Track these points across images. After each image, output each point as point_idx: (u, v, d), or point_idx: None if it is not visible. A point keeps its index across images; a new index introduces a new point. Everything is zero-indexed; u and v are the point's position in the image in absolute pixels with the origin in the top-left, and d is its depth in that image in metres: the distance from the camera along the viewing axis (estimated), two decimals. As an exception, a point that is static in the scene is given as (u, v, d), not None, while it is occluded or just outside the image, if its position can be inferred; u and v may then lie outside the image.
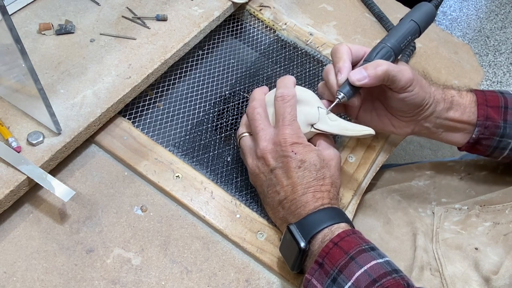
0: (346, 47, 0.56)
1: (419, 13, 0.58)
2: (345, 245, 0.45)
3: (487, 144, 0.58)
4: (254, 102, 0.56)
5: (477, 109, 0.57)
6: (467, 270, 0.53)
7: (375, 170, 0.64)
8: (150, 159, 0.58)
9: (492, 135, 0.57)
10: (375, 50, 0.56)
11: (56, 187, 0.50)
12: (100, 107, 0.57)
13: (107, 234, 0.52)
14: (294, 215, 0.50)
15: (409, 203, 0.65)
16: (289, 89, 0.54)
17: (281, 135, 0.51)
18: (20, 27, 0.63)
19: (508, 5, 2.31)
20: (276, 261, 0.53)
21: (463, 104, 0.58)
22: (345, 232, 0.47)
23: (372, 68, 0.52)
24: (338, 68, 0.55)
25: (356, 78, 0.52)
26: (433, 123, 0.58)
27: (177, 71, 0.69)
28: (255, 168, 0.54)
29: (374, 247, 0.46)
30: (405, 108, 0.56)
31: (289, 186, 0.51)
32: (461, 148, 0.61)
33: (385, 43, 0.56)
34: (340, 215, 0.49)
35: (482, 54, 2.05)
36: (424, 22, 0.58)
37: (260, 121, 0.54)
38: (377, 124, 0.60)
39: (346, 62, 0.55)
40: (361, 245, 0.46)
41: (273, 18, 0.77)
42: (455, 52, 0.81)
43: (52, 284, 0.48)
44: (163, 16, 0.67)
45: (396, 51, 0.56)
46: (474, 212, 0.58)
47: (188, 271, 0.51)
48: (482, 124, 0.57)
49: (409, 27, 0.57)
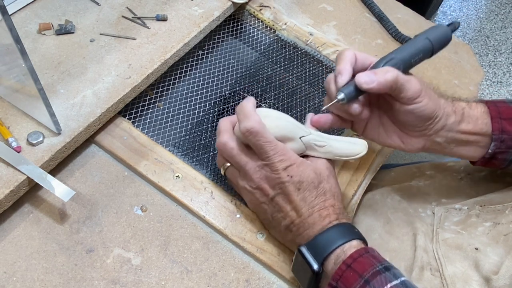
0: (352, 53, 0.54)
1: (435, 33, 0.55)
2: (359, 267, 0.44)
3: (503, 158, 0.56)
4: (222, 136, 0.53)
5: (491, 122, 0.55)
6: (467, 270, 0.53)
7: (375, 170, 0.64)
8: (150, 159, 0.58)
9: (508, 148, 0.55)
10: (383, 60, 0.53)
11: (56, 187, 0.50)
12: (100, 107, 0.57)
13: (107, 234, 0.52)
14: (303, 237, 0.49)
15: (409, 203, 0.65)
16: (251, 120, 0.49)
17: (271, 166, 0.50)
18: (20, 27, 0.63)
19: (508, 5, 2.31)
20: (276, 261, 0.53)
21: (474, 115, 0.55)
22: (358, 252, 0.46)
23: (382, 73, 0.50)
24: (338, 70, 0.53)
25: (364, 80, 0.50)
26: (445, 137, 0.55)
27: (177, 71, 0.69)
28: (254, 199, 0.53)
29: (389, 266, 0.45)
30: (414, 121, 0.53)
31: (292, 211, 0.50)
32: (476, 163, 0.58)
33: (395, 55, 0.53)
34: (349, 230, 0.48)
35: (482, 54, 2.05)
36: (438, 43, 0.55)
37: (239, 156, 0.52)
38: (385, 140, 0.57)
39: (348, 65, 0.53)
40: (375, 266, 0.44)
41: (273, 18, 0.77)
42: (455, 52, 0.81)
43: (52, 284, 0.48)
44: (163, 16, 0.67)
45: (405, 65, 0.54)
46: (474, 212, 0.58)
47: (188, 271, 0.51)
48: (498, 138, 0.54)
49: (423, 44, 0.54)
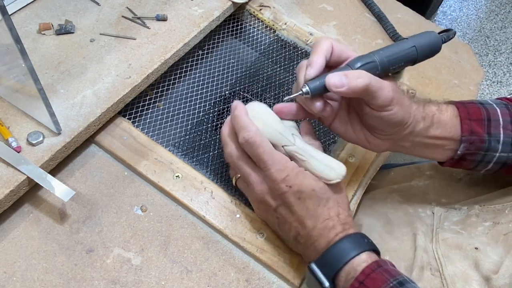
0: (328, 43, 0.51)
1: (424, 42, 0.52)
2: (372, 284, 0.43)
3: (472, 159, 0.55)
4: (225, 148, 0.53)
5: (460, 123, 0.54)
6: (467, 270, 0.53)
7: (375, 170, 0.64)
8: (150, 159, 0.58)
9: (477, 149, 0.54)
10: (360, 59, 0.50)
11: (56, 187, 0.50)
12: (100, 107, 0.57)
13: (107, 234, 0.52)
14: (312, 250, 0.49)
15: (409, 203, 0.65)
16: (247, 130, 0.50)
17: (269, 177, 0.49)
18: (20, 27, 0.63)
19: (508, 5, 2.31)
20: (276, 261, 0.53)
21: (443, 120, 0.54)
22: (370, 267, 0.45)
23: (354, 78, 0.47)
24: (309, 62, 0.50)
25: (334, 83, 0.47)
26: (411, 142, 0.54)
27: (177, 71, 0.69)
28: (260, 210, 0.54)
29: (403, 280, 0.44)
30: (382, 127, 0.52)
31: (296, 222, 0.49)
32: (444, 164, 0.58)
33: (375, 57, 0.50)
34: (357, 243, 0.47)
35: (482, 54, 2.05)
36: (425, 53, 0.53)
37: (244, 166, 0.52)
38: (351, 137, 0.56)
39: (320, 58, 0.50)
40: (388, 283, 0.43)
41: (273, 18, 0.77)
42: (455, 52, 0.81)
43: (52, 284, 0.48)
44: (163, 16, 0.67)
45: (383, 71, 0.51)
46: (474, 212, 0.58)
47: (188, 271, 0.51)
48: (467, 140, 0.54)
49: (407, 53, 0.51)
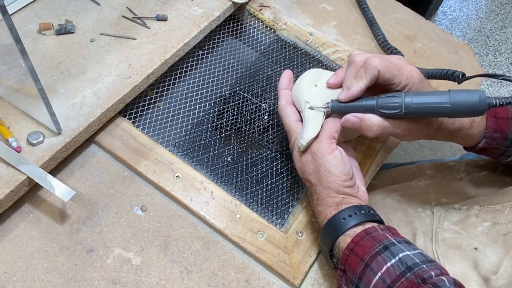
0: (378, 61, 0.49)
1: (463, 101, 0.47)
2: (360, 251, 0.46)
3: (493, 152, 0.59)
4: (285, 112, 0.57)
5: (485, 120, 0.57)
6: (467, 270, 0.53)
7: (375, 170, 0.64)
8: (150, 159, 0.58)
9: (499, 145, 0.58)
10: (388, 106, 0.49)
11: (56, 187, 0.50)
12: (100, 107, 0.57)
13: (107, 234, 0.52)
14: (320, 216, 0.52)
15: (409, 203, 0.65)
16: (280, 98, 0.57)
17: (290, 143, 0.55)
18: (20, 27, 0.63)
19: (508, 5, 2.31)
20: (276, 261, 0.53)
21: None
22: (359, 235, 0.47)
23: (368, 128, 0.50)
24: (350, 84, 0.50)
25: (349, 124, 0.51)
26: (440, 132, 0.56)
27: (177, 71, 0.69)
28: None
29: (388, 244, 0.45)
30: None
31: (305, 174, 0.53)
32: (468, 149, 0.61)
33: (402, 106, 0.48)
34: (359, 211, 0.49)
35: (482, 54, 2.05)
36: (459, 114, 0.48)
37: (288, 130, 0.56)
38: None
39: (363, 84, 0.50)
40: (374, 248, 0.45)
41: (273, 18, 0.77)
42: (455, 52, 0.81)
43: (52, 284, 0.48)
44: (163, 16, 0.67)
45: (406, 116, 0.49)
46: (474, 212, 0.58)
47: (188, 271, 0.51)
48: (490, 136, 0.57)
49: (439, 108, 0.48)
